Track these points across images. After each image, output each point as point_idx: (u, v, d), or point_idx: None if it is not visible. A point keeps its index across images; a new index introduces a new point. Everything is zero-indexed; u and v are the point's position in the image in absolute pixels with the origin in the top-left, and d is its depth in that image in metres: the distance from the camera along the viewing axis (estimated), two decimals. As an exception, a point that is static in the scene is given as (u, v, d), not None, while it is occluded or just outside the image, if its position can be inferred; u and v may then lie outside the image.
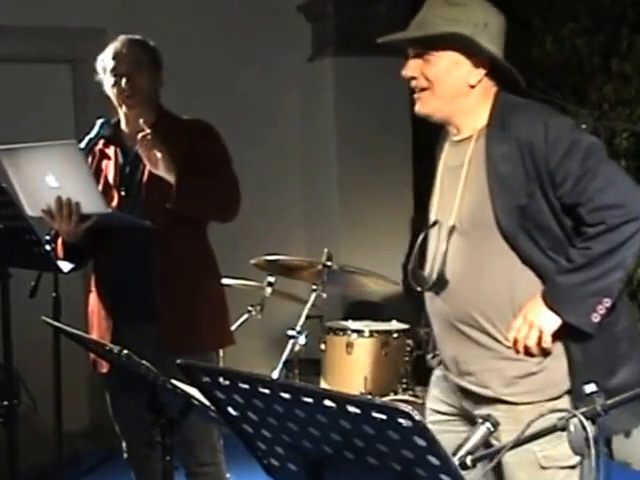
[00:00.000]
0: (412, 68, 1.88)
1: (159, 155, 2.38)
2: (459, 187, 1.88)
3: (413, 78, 1.88)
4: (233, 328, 3.13)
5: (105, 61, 2.53)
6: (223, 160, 2.55)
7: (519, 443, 1.31)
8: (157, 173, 2.41)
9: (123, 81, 2.48)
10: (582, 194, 1.79)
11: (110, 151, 2.58)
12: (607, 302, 1.78)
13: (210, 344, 2.61)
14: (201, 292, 2.55)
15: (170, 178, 2.40)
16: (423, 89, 1.87)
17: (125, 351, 1.80)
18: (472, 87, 1.87)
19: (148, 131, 2.39)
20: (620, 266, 1.78)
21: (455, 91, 1.87)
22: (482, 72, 1.87)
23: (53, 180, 2.37)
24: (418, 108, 1.90)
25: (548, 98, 3.82)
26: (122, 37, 2.55)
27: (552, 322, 1.81)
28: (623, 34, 4.08)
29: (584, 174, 1.78)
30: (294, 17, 4.83)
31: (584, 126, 2.91)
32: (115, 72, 2.50)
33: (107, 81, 2.53)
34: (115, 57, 2.50)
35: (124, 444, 2.61)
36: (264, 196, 4.66)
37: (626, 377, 1.82)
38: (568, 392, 1.85)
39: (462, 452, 1.30)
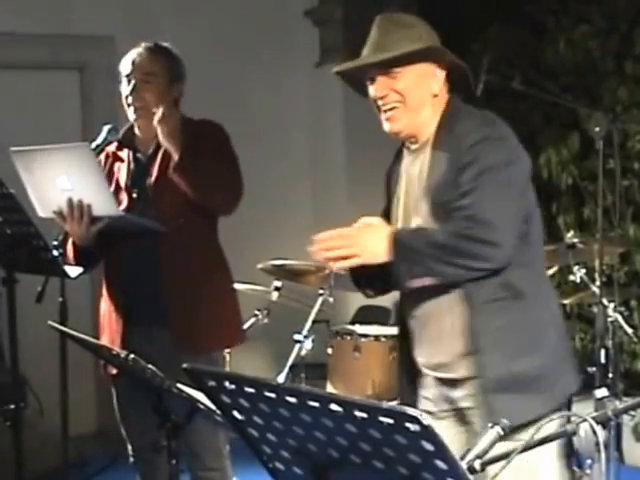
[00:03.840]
0: (382, 87, 1.97)
1: (166, 127, 2.40)
2: (420, 192, 1.96)
3: (381, 98, 1.98)
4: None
5: (122, 66, 2.55)
6: (228, 156, 2.55)
7: (529, 447, 1.29)
8: (166, 146, 2.43)
9: (131, 92, 2.50)
10: (465, 203, 1.85)
11: (123, 154, 2.59)
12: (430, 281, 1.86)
13: (219, 344, 2.61)
14: (210, 292, 2.55)
15: (175, 150, 2.42)
16: (393, 107, 1.97)
17: (131, 356, 1.79)
18: (435, 96, 1.97)
19: (163, 110, 2.41)
20: (437, 270, 1.82)
21: (422, 102, 1.97)
22: (442, 82, 1.98)
23: (65, 182, 2.38)
24: (390, 127, 1.99)
25: (561, 101, 3.81)
26: (144, 44, 2.55)
27: (377, 256, 1.84)
28: (637, 36, 4.07)
29: (471, 190, 1.84)
30: (301, 22, 4.83)
31: (597, 129, 2.89)
32: (127, 79, 2.52)
33: (122, 85, 2.55)
34: (128, 65, 2.52)
35: (130, 447, 2.61)
36: (271, 200, 4.66)
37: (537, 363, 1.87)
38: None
39: (471, 456, 1.28)
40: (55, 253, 2.50)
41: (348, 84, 2.10)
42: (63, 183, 2.38)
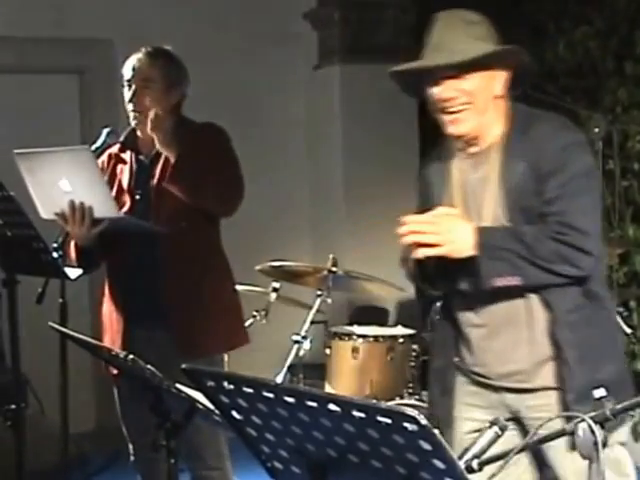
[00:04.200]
0: (449, 88, 1.86)
1: (159, 134, 2.40)
2: (488, 197, 1.89)
3: (447, 100, 1.88)
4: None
5: (124, 70, 2.54)
6: (229, 159, 2.55)
7: (526, 447, 1.29)
8: (162, 151, 2.44)
9: (130, 96, 2.50)
10: (557, 209, 1.83)
11: (126, 156, 2.59)
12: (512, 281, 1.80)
13: (222, 347, 2.61)
14: (213, 295, 2.54)
15: (172, 156, 2.42)
16: (460, 109, 1.87)
17: (130, 356, 1.79)
18: (497, 97, 1.90)
19: (155, 113, 2.41)
20: (525, 270, 1.78)
21: (487, 104, 1.89)
22: (503, 83, 1.90)
23: (67, 184, 2.38)
24: (456, 128, 1.89)
25: (561, 102, 3.81)
26: (145, 49, 2.53)
27: (464, 250, 1.79)
28: (636, 37, 4.05)
29: (559, 197, 1.82)
30: (300, 25, 4.83)
31: (597, 130, 2.89)
32: (128, 85, 2.52)
33: (125, 90, 2.55)
34: (129, 70, 2.52)
35: (131, 446, 2.61)
36: (270, 202, 4.66)
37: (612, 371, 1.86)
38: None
39: (469, 455, 1.28)
40: (55, 255, 2.49)
41: (398, 83, 1.99)
42: (64, 185, 2.39)
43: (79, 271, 2.59)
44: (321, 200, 4.86)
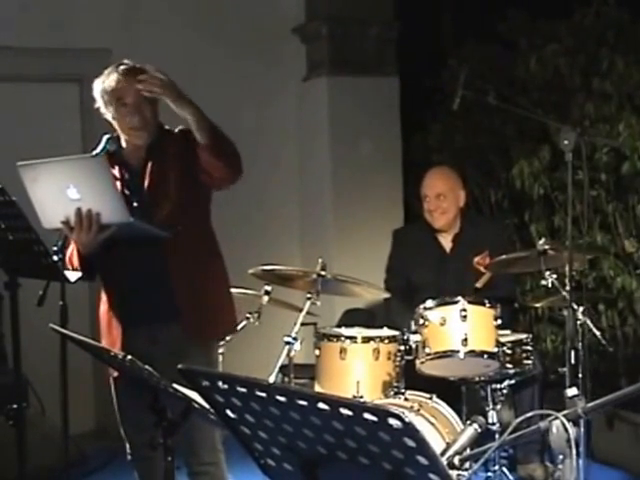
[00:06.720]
0: None
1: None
2: None
3: None
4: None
5: (107, 90, 2.50)
6: None
7: (503, 444, 1.30)
8: (182, 112, 2.44)
9: (130, 114, 2.48)
10: None
11: (115, 171, 2.56)
12: None
13: (222, 330, 2.67)
14: (212, 289, 2.57)
15: (193, 114, 2.44)
16: None
17: (129, 357, 1.79)
18: None
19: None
20: None
21: None
22: None
23: (74, 192, 2.35)
24: None
25: (532, 115, 3.84)
26: (115, 70, 2.49)
27: None
28: (603, 54, 4.11)
29: None
30: (290, 39, 4.86)
31: (566, 142, 2.91)
32: (123, 103, 2.48)
33: (110, 110, 2.51)
34: (121, 89, 2.48)
35: (127, 445, 2.60)
36: (261, 209, 4.67)
37: None
38: None
39: (450, 452, 1.29)
40: (55, 258, 2.48)
41: None
42: (72, 193, 2.36)
43: (78, 274, 2.58)
44: (311, 207, 4.88)
